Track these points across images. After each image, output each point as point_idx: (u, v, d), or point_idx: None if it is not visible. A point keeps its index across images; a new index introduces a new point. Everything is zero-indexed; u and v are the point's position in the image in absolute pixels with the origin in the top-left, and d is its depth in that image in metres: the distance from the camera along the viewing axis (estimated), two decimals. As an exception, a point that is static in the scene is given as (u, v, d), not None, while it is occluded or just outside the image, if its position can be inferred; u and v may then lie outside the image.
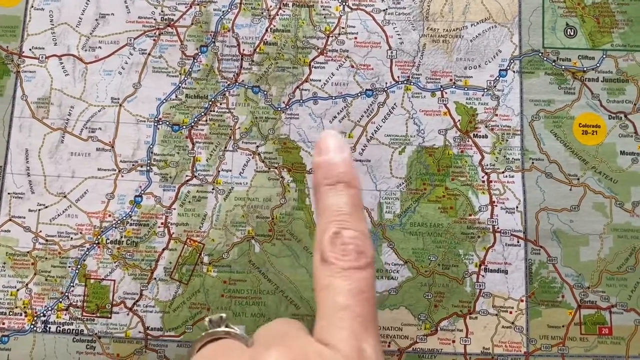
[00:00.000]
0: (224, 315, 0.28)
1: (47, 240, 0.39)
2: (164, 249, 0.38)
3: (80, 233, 0.39)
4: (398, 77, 0.40)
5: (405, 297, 0.38)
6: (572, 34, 0.40)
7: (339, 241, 0.27)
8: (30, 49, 0.40)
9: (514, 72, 0.39)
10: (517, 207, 0.38)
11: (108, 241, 0.39)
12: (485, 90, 0.39)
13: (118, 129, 0.40)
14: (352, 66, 0.40)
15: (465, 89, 0.39)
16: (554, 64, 0.39)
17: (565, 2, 0.40)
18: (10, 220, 0.39)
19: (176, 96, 0.40)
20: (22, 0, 0.41)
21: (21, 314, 0.38)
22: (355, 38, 0.40)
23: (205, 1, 0.41)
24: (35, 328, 0.38)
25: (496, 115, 0.39)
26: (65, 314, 0.38)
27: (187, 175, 0.39)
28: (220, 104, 0.40)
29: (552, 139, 0.39)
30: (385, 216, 0.38)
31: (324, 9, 0.40)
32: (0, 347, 0.37)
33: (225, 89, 0.40)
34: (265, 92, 0.40)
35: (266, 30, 0.40)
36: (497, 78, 0.39)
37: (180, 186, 0.39)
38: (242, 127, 0.39)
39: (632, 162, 0.39)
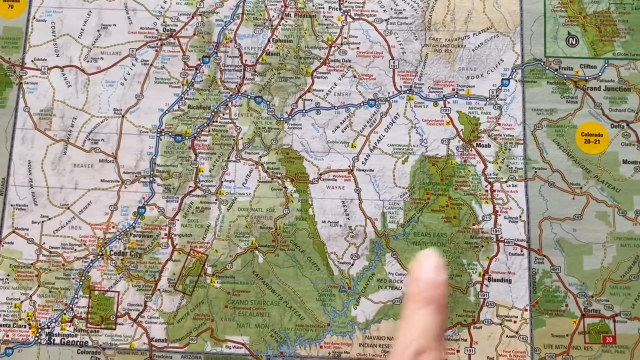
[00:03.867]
0: None
1: (50, 252, 0.39)
2: (167, 260, 0.38)
3: (84, 245, 0.39)
4: (400, 86, 0.40)
5: (409, 307, 0.38)
6: (574, 43, 0.40)
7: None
8: (32, 61, 0.40)
9: (516, 81, 0.39)
10: (520, 217, 0.38)
11: (112, 253, 0.39)
12: (488, 99, 0.39)
13: (121, 140, 0.40)
14: (355, 76, 0.40)
15: (468, 98, 0.39)
16: (556, 73, 0.39)
17: (567, 11, 0.40)
18: (14, 232, 0.39)
19: (179, 107, 0.40)
20: (24, 11, 0.41)
21: (25, 326, 0.38)
22: (358, 48, 0.40)
23: (207, 12, 0.41)
24: (39, 340, 0.38)
25: (499, 124, 0.39)
26: (70, 326, 0.38)
27: (190, 186, 0.39)
28: (223, 115, 0.40)
29: (554, 148, 0.39)
30: (389, 226, 0.38)
31: (326, 19, 0.40)
32: (5, 360, 0.37)
33: (228, 100, 0.40)
34: (267, 103, 0.40)
35: (268, 40, 0.40)
36: (500, 87, 0.39)
37: (183, 197, 0.39)
38: (245, 138, 0.39)
39: (635, 170, 0.39)
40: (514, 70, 0.40)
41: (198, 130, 0.40)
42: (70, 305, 0.38)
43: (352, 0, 0.40)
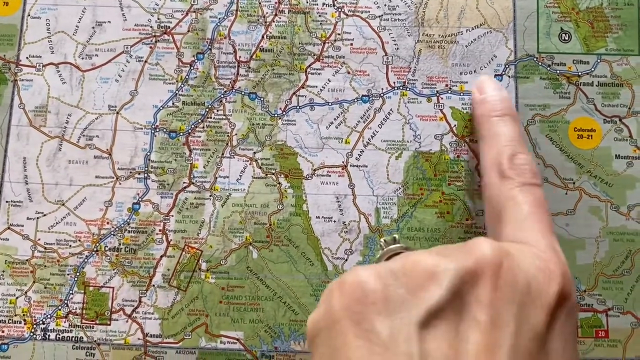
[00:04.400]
0: (396, 235, 0.31)
1: (45, 248, 0.39)
2: (162, 256, 0.39)
3: (79, 241, 0.39)
4: (394, 82, 0.40)
5: (402, 302, 0.38)
6: (566, 38, 0.40)
7: (516, 161, 0.31)
8: (27, 58, 0.40)
9: (509, 77, 0.40)
10: (513, 212, 0.38)
11: (106, 248, 0.39)
12: (481, 95, 0.39)
13: (115, 137, 0.40)
14: (348, 72, 0.40)
15: (461, 94, 0.40)
16: (548, 68, 0.40)
17: (560, 7, 0.40)
18: (8, 228, 0.39)
19: (173, 103, 0.40)
20: (19, 9, 0.41)
21: (20, 322, 0.38)
22: (351, 44, 0.40)
23: (201, 8, 0.41)
24: (34, 336, 0.38)
25: (492, 120, 0.39)
26: (65, 322, 0.38)
27: (184, 182, 0.39)
28: (217, 111, 0.40)
29: (547, 143, 0.39)
30: (382, 221, 0.39)
31: (320, 16, 0.40)
32: (0, 355, 0.38)
33: (222, 96, 0.40)
34: (262, 99, 0.40)
35: (262, 37, 0.40)
36: (493, 83, 0.39)
37: (177, 193, 0.39)
38: (239, 134, 0.40)
39: (627, 165, 0.39)
40: (506, 66, 0.40)
41: (192, 126, 0.40)
42: (65, 301, 0.38)
43: (345, -3, 0.41)
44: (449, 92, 0.40)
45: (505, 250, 0.25)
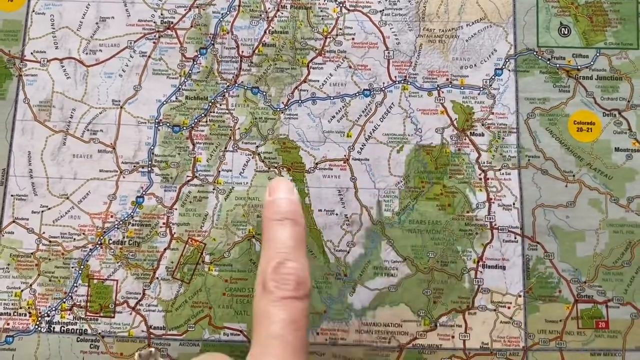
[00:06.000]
0: (153, 350, 0.31)
1: (50, 242, 0.39)
2: (165, 249, 0.39)
3: (83, 234, 0.39)
4: (395, 77, 0.40)
5: (404, 293, 0.38)
6: (566, 32, 0.40)
7: (282, 270, 0.30)
8: (31, 53, 0.41)
9: (509, 71, 0.40)
10: (513, 204, 0.39)
11: (110, 242, 0.39)
12: (482, 89, 0.40)
13: (119, 131, 0.40)
14: (350, 67, 0.40)
15: (462, 88, 0.40)
16: (548, 62, 0.40)
17: (559, 1, 0.41)
18: (14, 222, 0.39)
19: (176, 98, 0.40)
20: (24, 4, 0.41)
21: (25, 315, 0.38)
22: (353, 39, 0.41)
23: (204, 4, 0.41)
24: (39, 328, 0.38)
25: (492, 113, 0.40)
26: (69, 314, 0.38)
27: (187, 176, 0.40)
28: (220, 105, 0.40)
29: (547, 136, 0.39)
30: (384, 214, 0.39)
31: (321, 11, 0.41)
32: (5, 347, 0.38)
33: (225, 90, 0.40)
34: (264, 93, 0.40)
35: (265, 32, 0.41)
36: (493, 77, 0.40)
37: (181, 186, 0.39)
38: (241, 128, 0.40)
39: (627, 158, 0.39)
40: (507, 60, 0.40)
41: (195, 120, 0.40)
42: (70, 294, 0.39)
43: (347, -8, 0.41)
44: (450, 86, 0.40)
45: None
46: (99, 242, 0.39)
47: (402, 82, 0.40)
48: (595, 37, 0.40)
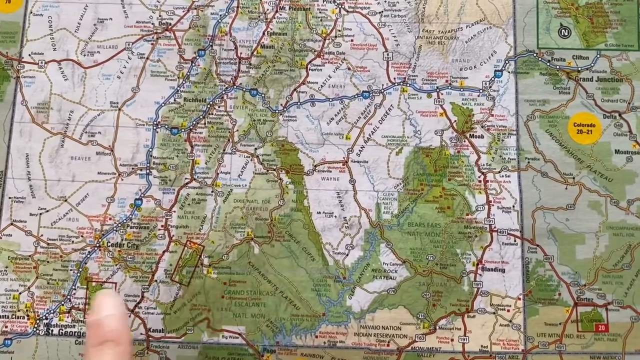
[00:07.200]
0: None
1: (48, 244, 0.39)
2: (164, 252, 0.39)
3: (82, 236, 0.39)
4: (394, 78, 0.40)
5: (403, 296, 0.38)
6: (566, 34, 0.40)
7: None
8: (29, 55, 0.41)
9: (509, 72, 0.40)
10: (513, 207, 0.39)
11: (109, 244, 0.39)
12: (481, 90, 0.40)
13: (117, 133, 0.40)
14: (349, 68, 0.40)
15: (461, 89, 0.40)
16: (548, 64, 0.40)
17: (559, 2, 0.40)
18: (12, 224, 0.39)
19: (175, 100, 0.40)
20: (22, 6, 0.41)
21: (24, 317, 0.38)
22: (352, 40, 0.40)
23: (202, 5, 0.41)
24: (37, 331, 0.38)
25: (492, 115, 0.39)
26: (68, 317, 0.38)
27: (186, 178, 0.39)
28: (219, 107, 0.40)
29: (547, 138, 0.39)
30: (383, 216, 0.39)
31: (320, 12, 0.41)
32: (4, 350, 0.38)
33: (223, 92, 0.40)
34: (263, 95, 0.40)
35: (263, 33, 0.41)
36: (493, 79, 0.40)
37: (179, 189, 0.39)
38: (240, 130, 0.40)
39: (627, 160, 0.39)
40: (506, 61, 0.40)
41: (194, 122, 0.40)
42: (68, 297, 0.38)
43: (346, -7, 0.41)
44: (449, 87, 0.40)
45: None
46: (98, 245, 0.39)
47: (402, 83, 0.40)
48: (595, 39, 0.40)
